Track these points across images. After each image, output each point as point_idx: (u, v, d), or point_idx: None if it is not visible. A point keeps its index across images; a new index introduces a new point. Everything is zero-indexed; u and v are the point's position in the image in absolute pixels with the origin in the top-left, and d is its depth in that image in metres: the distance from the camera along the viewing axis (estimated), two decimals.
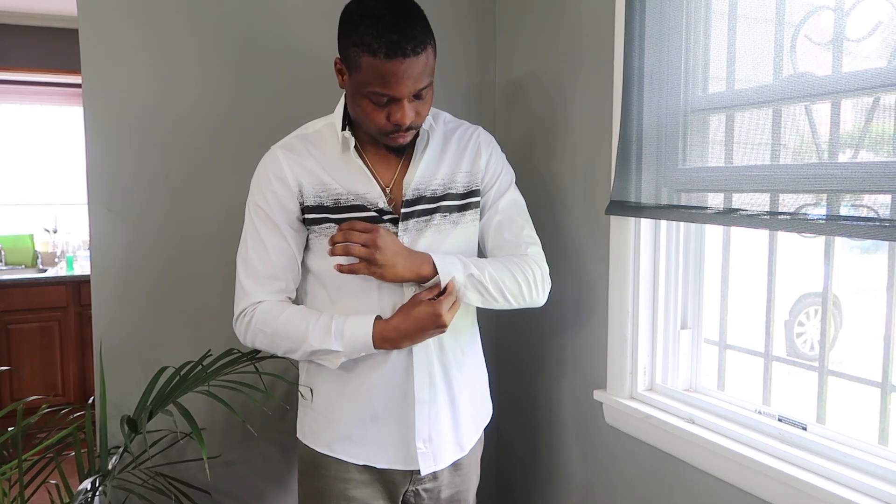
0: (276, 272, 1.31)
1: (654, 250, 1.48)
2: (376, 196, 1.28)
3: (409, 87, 1.15)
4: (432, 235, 1.31)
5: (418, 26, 1.14)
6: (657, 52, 1.35)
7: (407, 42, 1.11)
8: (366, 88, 1.16)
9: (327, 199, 1.28)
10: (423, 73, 1.16)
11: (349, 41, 1.15)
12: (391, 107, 1.18)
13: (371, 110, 1.19)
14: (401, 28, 1.11)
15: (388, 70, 1.12)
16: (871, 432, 1.14)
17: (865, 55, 1.05)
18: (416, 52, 1.13)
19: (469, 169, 1.36)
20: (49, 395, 3.82)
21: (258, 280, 1.30)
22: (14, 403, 1.42)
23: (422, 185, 1.31)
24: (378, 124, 1.20)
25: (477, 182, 1.37)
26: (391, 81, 1.14)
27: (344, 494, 1.33)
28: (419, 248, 1.29)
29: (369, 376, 1.31)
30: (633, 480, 1.52)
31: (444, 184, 1.33)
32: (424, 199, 1.31)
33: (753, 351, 1.36)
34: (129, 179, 1.63)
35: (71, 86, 4.25)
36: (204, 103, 1.68)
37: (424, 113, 1.23)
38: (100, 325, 1.63)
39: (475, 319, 1.45)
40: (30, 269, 4.18)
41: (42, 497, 1.50)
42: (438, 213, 1.32)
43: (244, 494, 1.78)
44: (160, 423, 1.57)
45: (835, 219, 1.07)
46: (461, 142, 1.38)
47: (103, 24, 1.58)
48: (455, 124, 1.41)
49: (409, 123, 1.19)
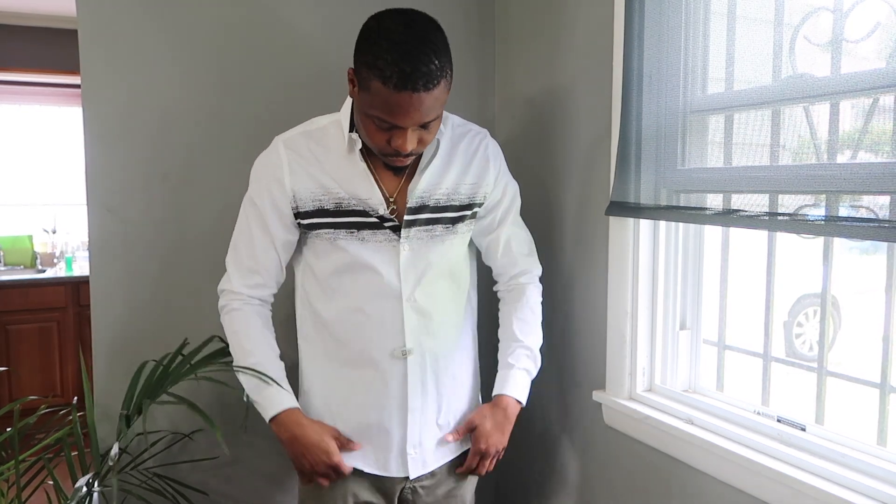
0: (258, 268, 1.33)
1: (654, 251, 1.48)
2: (377, 202, 1.27)
3: (414, 120, 1.12)
4: (435, 246, 1.31)
5: (436, 59, 1.08)
6: (656, 53, 1.35)
7: (419, 77, 1.06)
8: (371, 111, 1.13)
9: (328, 202, 1.27)
10: (431, 108, 1.12)
11: (363, 59, 1.11)
12: (394, 132, 1.15)
13: (373, 131, 1.16)
14: (416, 60, 1.06)
15: (395, 101, 1.09)
16: (870, 433, 1.14)
17: (864, 56, 1.05)
18: (428, 88, 1.08)
19: (475, 181, 1.36)
20: (48, 395, 3.81)
21: (240, 269, 1.34)
22: (11, 404, 1.41)
23: (426, 193, 1.30)
24: (378, 145, 1.18)
25: (481, 195, 1.37)
26: (396, 112, 1.10)
27: (341, 491, 1.35)
28: (421, 259, 1.30)
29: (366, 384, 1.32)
30: (632, 481, 1.52)
31: (449, 194, 1.32)
32: (427, 209, 1.30)
33: (752, 352, 1.36)
34: (128, 180, 1.63)
35: (70, 86, 4.25)
36: (203, 104, 1.68)
37: (428, 140, 1.20)
38: (99, 325, 1.63)
39: (475, 333, 1.46)
40: (29, 270, 4.18)
41: (41, 498, 1.50)
42: (441, 223, 1.32)
43: (242, 495, 1.78)
44: (159, 423, 1.57)
45: (834, 219, 1.07)
46: (469, 151, 1.36)
47: (102, 25, 1.58)
48: (463, 130, 1.38)
49: (410, 150, 1.17)
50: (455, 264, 1.38)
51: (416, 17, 1.12)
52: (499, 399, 1.39)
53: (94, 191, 1.61)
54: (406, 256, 1.29)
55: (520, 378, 1.41)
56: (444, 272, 1.35)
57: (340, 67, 1.79)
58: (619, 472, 1.56)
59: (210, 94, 1.68)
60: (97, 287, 1.63)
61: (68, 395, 3.90)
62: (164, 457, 1.65)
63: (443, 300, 1.35)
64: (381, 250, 1.28)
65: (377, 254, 1.28)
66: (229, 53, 1.69)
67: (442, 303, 1.35)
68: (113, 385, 1.62)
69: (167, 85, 1.65)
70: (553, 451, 1.79)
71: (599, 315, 1.59)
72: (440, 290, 1.34)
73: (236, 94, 1.71)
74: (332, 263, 1.30)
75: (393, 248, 1.29)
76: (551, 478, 1.81)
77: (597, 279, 1.59)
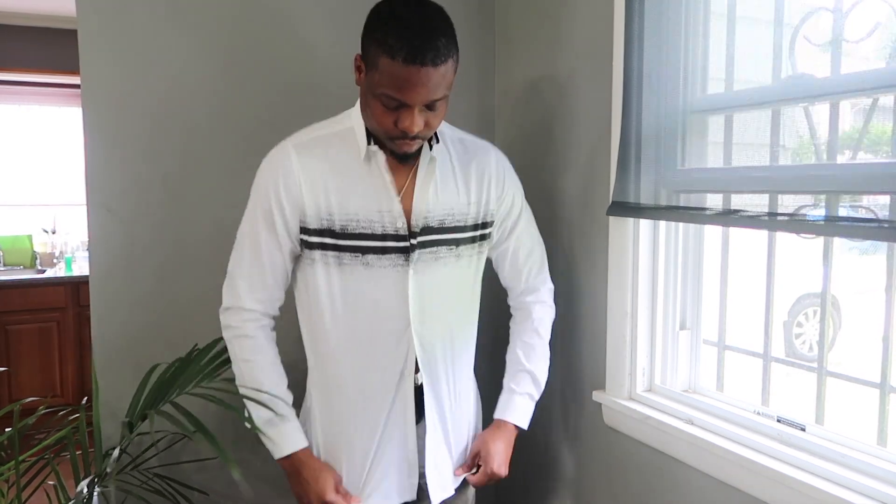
0: (266, 281, 1.29)
1: (654, 251, 1.48)
2: (397, 214, 1.24)
3: (421, 96, 1.13)
4: (441, 270, 1.30)
5: (443, 38, 1.11)
6: (656, 53, 1.35)
7: (428, 51, 1.09)
8: (379, 89, 1.13)
9: (337, 222, 1.24)
10: (438, 85, 1.13)
11: (372, 38, 1.13)
12: (401, 112, 1.15)
13: (381, 113, 1.16)
14: (425, 36, 1.09)
15: (404, 75, 1.10)
16: (870, 433, 1.14)
17: (864, 56, 1.05)
18: (436, 63, 1.10)
19: (479, 199, 1.33)
20: (47, 395, 3.81)
21: (248, 279, 1.29)
22: (11, 405, 1.41)
23: (430, 212, 1.27)
24: (385, 127, 1.18)
25: (488, 214, 1.35)
26: (405, 87, 1.11)
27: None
28: (425, 284, 1.27)
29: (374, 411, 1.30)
30: (632, 481, 1.52)
31: (453, 213, 1.30)
32: (431, 230, 1.27)
33: (752, 352, 1.36)
34: (127, 180, 1.63)
35: (70, 86, 4.24)
36: (203, 104, 1.68)
37: (434, 124, 1.20)
38: (98, 325, 1.63)
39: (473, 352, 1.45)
40: (28, 270, 4.17)
41: (40, 498, 1.50)
42: (444, 245, 1.29)
43: (241, 495, 1.78)
44: (159, 424, 1.57)
45: (833, 219, 1.07)
46: (472, 167, 1.34)
47: (102, 25, 1.58)
48: (466, 144, 1.37)
49: (417, 132, 1.16)
50: (462, 289, 1.36)
51: (426, 3, 1.16)
52: (499, 424, 1.41)
53: (93, 191, 1.61)
54: (413, 281, 1.26)
55: (521, 403, 1.42)
56: (450, 297, 1.33)
57: (340, 68, 1.79)
58: (619, 472, 1.56)
59: (210, 95, 1.68)
60: (97, 287, 1.62)
61: (68, 395, 3.90)
62: (165, 457, 1.65)
63: (450, 326, 1.34)
64: (387, 276, 1.25)
65: (383, 279, 1.25)
66: (229, 54, 1.69)
67: (448, 329, 1.33)
68: (113, 385, 1.61)
69: (167, 85, 1.65)
70: (553, 451, 1.79)
71: (599, 315, 1.59)
72: (447, 315, 1.33)
73: (236, 95, 1.71)
74: (334, 287, 1.26)
75: (398, 272, 1.25)
76: (551, 477, 1.81)
77: (597, 279, 1.59)
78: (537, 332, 1.45)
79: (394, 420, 1.30)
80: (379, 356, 1.28)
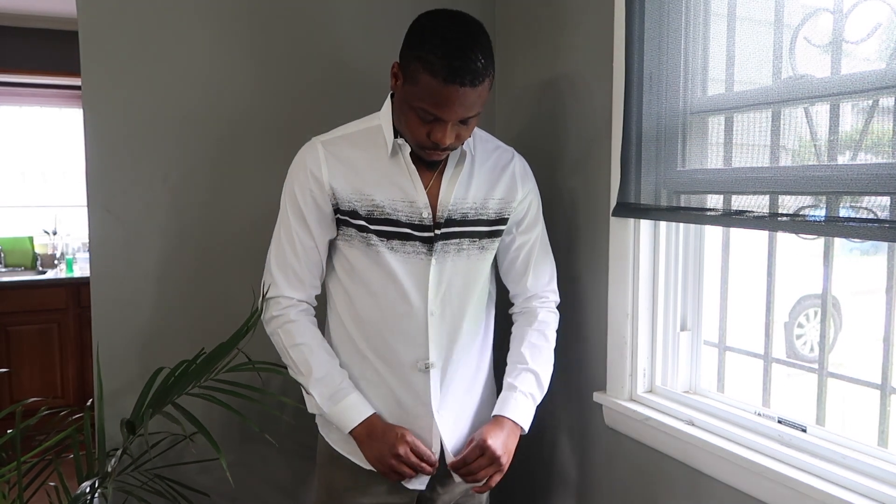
0: (303, 269, 1.33)
1: (654, 252, 1.48)
2: (422, 205, 1.29)
3: (457, 114, 1.18)
4: (462, 261, 1.34)
5: (483, 58, 1.15)
6: (657, 54, 1.36)
7: (467, 72, 1.13)
8: (416, 102, 1.18)
9: (362, 208, 1.29)
10: (473, 104, 1.18)
11: (413, 53, 1.16)
12: (434, 125, 1.20)
13: (415, 124, 1.21)
14: (466, 57, 1.13)
15: (443, 93, 1.14)
16: (871, 434, 1.14)
17: (864, 57, 1.05)
18: (474, 84, 1.15)
19: (503, 196, 1.38)
20: (48, 397, 3.81)
21: (287, 272, 1.33)
22: (13, 406, 1.41)
23: (454, 206, 1.32)
24: (417, 138, 1.22)
25: (508, 210, 1.39)
26: (442, 104, 1.16)
27: (359, 488, 1.36)
28: (446, 273, 1.31)
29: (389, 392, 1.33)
30: (632, 482, 1.52)
31: (476, 207, 1.34)
32: (454, 222, 1.32)
33: (753, 353, 1.36)
34: (128, 181, 1.63)
35: (70, 88, 4.25)
36: (203, 106, 1.68)
37: (465, 137, 1.25)
38: (99, 326, 1.63)
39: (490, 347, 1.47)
40: (29, 271, 4.17)
41: (41, 499, 1.50)
42: (467, 237, 1.34)
43: (243, 497, 1.78)
44: (160, 425, 1.57)
45: (834, 220, 1.07)
46: (497, 167, 1.39)
47: (103, 26, 1.58)
48: (492, 145, 1.43)
49: (448, 145, 1.21)
50: (480, 279, 1.39)
51: (467, 18, 1.19)
52: (498, 420, 1.35)
53: (94, 192, 1.61)
54: (434, 269, 1.31)
55: (521, 402, 1.36)
56: (469, 286, 1.36)
57: (340, 68, 1.80)
58: (620, 473, 1.55)
59: (210, 96, 1.68)
60: (97, 288, 1.63)
61: (69, 396, 3.90)
62: (165, 458, 1.65)
63: (466, 314, 1.36)
64: (409, 262, 1.30)
65: (405, 265, 1.30)
66: (230, 54, 1.70)
67: (465, 317, 1.36)
68: (113, 385, 1.61)
69: (168, 87, 1.65)
70: (554, 452, 1.79)
71: (600, 316, 1.59)
72: (464, 304, 1.36)
73: (237, 95, 1.71)
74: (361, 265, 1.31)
75: (421, 260, 1.30)
76: (552, 478, 1.80)
77: (597, 280, 1.59)
78: (544, 335, 1.46)
79: (407, 404, 1.33)
80: (395, 340, 1.32)
